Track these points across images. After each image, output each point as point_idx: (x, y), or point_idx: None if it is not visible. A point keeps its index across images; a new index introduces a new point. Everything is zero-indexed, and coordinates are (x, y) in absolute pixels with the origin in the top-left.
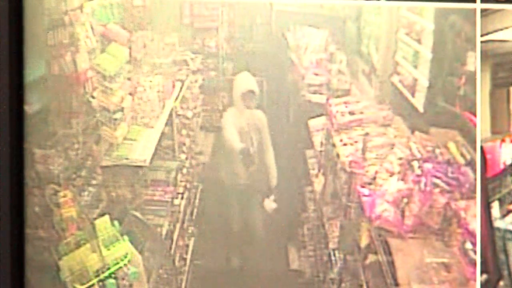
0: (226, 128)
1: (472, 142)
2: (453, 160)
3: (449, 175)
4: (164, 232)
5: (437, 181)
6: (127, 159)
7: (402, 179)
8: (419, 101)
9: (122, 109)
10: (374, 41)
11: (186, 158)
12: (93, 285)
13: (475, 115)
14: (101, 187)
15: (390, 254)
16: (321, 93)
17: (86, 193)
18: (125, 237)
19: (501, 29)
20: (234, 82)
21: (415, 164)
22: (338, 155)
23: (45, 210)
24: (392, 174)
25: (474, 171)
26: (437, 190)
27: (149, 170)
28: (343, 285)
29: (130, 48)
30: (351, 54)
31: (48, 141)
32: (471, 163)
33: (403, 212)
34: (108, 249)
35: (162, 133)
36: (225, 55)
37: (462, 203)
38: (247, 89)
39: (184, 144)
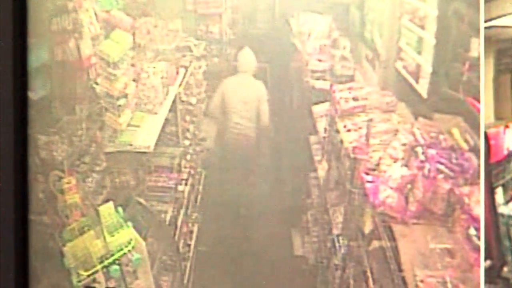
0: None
1: (476, 128)
2: (457, 146)
3: (453, 161)
4: (168, 218)
5: (441, 167)
6: (131, 145)
7: (406, 165)
8: (422, 87)
9: (126, 96)
10: (377, 27)
11: (190, 144)
12: (97, 271)
13: (478, 101)
14: (105, 174)
15: (394, 240)
16: (324, 79)
17: (90, 179)
18: (129, 224)
19: (505, 15)
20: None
21: (419, 150)
22: (341, 141)
23: (49, 197)
24: (396, 160)
25: (478, 157)
26: (440, 176)
27: (153, 156)
28: (347, 271)
29: (133, 34)
30: (355, 40)
31: (52, 128)
32: (474, 149)
33: (407, 198)
34: (112, 236)
35: (166, 119)
36: (228, 41)
37: (465, 189)
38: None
39: (188, 130)
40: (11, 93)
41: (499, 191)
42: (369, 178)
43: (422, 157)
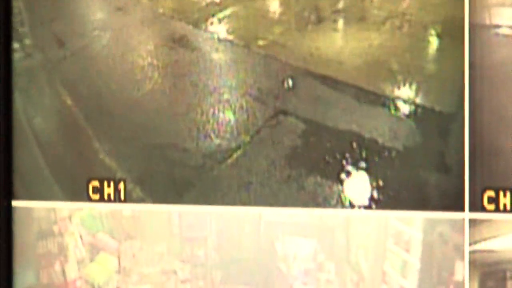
0: None
1: None
2: None
3: None
4: None
5: None
6: None
7: None
8: None
9: None
10: (362, 250)
11: None
12: None
13: None
14: None
15: None
16: None
17: None
18: None
19: (489, 239)
20: None
21: None
22: None
23: None
24: None
25: None
26: None
27: None
28: None
29: (119, 257)
30: (340, 264)
31: None
32: None
33: None
34: None
35: None
36: (213, 264)
37: None
38: None
39: None
40: None
41: None
42: None
43: None
